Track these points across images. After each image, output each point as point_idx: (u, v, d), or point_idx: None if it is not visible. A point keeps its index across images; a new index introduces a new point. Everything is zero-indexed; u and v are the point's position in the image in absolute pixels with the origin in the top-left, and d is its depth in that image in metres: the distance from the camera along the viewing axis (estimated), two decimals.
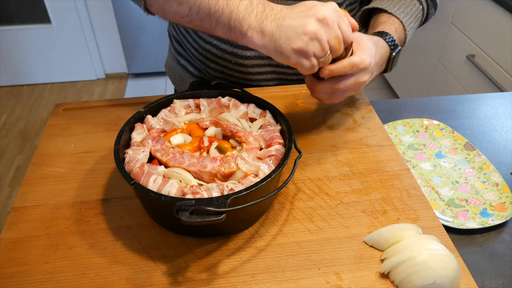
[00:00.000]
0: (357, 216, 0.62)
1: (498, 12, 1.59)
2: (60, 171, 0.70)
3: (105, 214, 0.63)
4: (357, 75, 0.65)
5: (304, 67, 0.58)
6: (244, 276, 0.55)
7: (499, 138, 0.87)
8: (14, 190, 2.11)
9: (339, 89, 0.66)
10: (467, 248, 0.66)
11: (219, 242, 0.59)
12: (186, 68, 0.99)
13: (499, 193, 0.74)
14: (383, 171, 0.70)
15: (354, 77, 0.65)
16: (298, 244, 0.59)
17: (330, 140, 0.76)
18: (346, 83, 0.65)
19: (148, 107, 0.68)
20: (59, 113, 0.83)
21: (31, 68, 2.83)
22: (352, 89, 0.67)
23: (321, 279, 0.54)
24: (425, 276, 0.51)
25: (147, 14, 0.71)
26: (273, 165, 0.59)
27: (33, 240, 0.59)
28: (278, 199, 0.65)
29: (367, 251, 0.58)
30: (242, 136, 0.64)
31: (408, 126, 0.89)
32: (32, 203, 0.65)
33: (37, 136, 2.45)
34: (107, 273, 0.55)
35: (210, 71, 0.93)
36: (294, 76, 0.92)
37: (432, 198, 0.74)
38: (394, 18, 0.78)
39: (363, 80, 0.66)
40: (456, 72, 1.90)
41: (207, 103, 0.71)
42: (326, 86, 0.66)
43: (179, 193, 0.55)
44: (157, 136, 0.64)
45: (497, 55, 1.63)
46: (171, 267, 0.56)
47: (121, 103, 0.85)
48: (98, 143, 0.75)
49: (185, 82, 1.01)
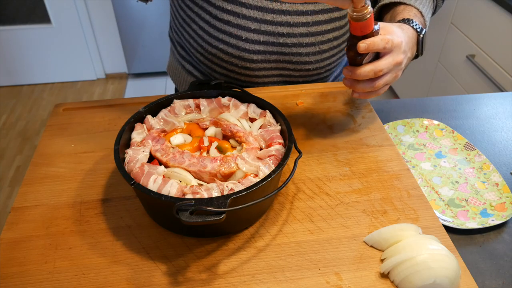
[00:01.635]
0: (357, 216, 0.62)
1: (498, 12, 1.59)
2: (60, 171, 0.70)
3: (105, 214, 0.63)
4: (393, 54, 0.65)
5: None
6: (244, 276, 0.55)
7: (499, 138, 0.87)
8: (14, 190, 2.11)
9: (381, 71, 0.64)
10: (467, 248, 0.66)
11: (219, 242, 0.59)
12: (191, 72, 0.99)
13: (499, 193, 0.74)
14: (383, 171, 0.70)
15: (391, 57, 0.65)
16: (298, 244, 0.59)
17: (330, 140, 0.76)
18: (385, 63, 0.64)
19: (148, 107, 0.68)
20: (59, 113, 0.83)
21: (31, 68, 2.83)
22: (392, 71, 0.67)
23: (321, 279, 0.54)
24: (425, 276, 0.51)
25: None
26: (273, 165, 0.59)
27: (33, 240, 0.59)
28: (278, 199, 0.65)
29: (367, 251, 0.58)
30: (242, 136, 0.64)
31: (408, 126, 0.89)
32: (32, 203, 0.65)
33: (37, 136, 2.45)
34: (107, 273, 0.55)
35: (216, 75, 0.93)
36: (300, 78, 0.92)
37: (432, 198, 0.74)
38: (411, 7, 0.79)
39: (400, 59, 0.66)
40: (456, 72, 1.90)
41: (207, 103, 0.71)
42: (368, 70, 0.64)
43: (179, 193, 0.55)
44: (157, 136, 0.64)
45: (497, 55, 1.63)
46: (171, 267, 0.56)
47: (121, 103, 0.85)
48: (98, 143, 0.75)
49: None
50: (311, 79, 0.93)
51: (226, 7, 0.80)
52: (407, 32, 0.70)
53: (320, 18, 0.81)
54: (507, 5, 1.53)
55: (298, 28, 0.81)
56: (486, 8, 1.65)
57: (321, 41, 0.84)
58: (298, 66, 0.88)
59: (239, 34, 0.82)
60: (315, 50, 0.85)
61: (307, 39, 0.83)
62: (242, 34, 0.82)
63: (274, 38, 0.82)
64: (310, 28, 0.82)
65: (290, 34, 0.82)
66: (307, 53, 0.85)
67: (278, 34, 0.82)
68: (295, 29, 0.81)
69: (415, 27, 0.73)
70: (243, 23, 0.81)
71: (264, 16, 0.80)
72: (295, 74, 0.90)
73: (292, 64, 0.87)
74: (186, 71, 0.99)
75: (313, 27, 0.82)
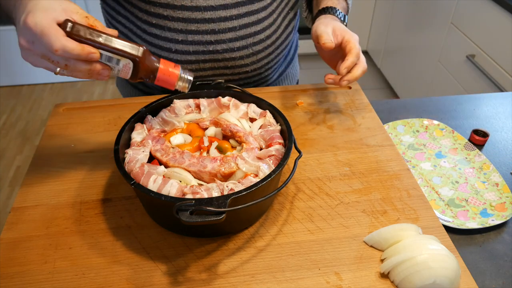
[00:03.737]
0: (357, 216, 0.62)
1: (498, 12, 1.59)
2: (60, 171, 0.70)
3: (105, 214, 0.63)
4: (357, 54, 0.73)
5: None
6: (244, 276, 0.55)
7: (499, 138, 0.87)
8: (14, 190, 2.11)
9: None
10: (467, 248, 0.66)
11: (219, 242, 0.59)
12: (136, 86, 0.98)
13: (499, 193, 0.74)
14: (383, 171, 0.70)
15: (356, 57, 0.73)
16: (298, 244, 0.59)
17: (330, 140, 0.76)
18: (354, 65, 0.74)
19: (148, 107, 0.68)
20: (59, 113, 0.83)
21: (31, 68, 2.81)
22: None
23: (321, 279, 0.54)
24: (425, 276, 0.51)
25: None
26: (273, 165, 0.59)
27: (33, 240, 0.59)
28: (278, 199, 0.65)
29: (367, 251, 0.58)
30: (242, 136, 0.64)
31: (408, 126, 0.89)
32: (32, 203, 0.65)
33: (37, 136, 2.45)
34: (107, 273, 0.55)
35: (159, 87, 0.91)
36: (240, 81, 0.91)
37: (432, 198, 0.74)
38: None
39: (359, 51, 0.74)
40: (456, 72, 1.90)
41: (207, 103, 0.71)
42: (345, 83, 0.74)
43: (179, 193, 0.55)
44: (157, 136, 0.64)
45: (497, 55, 1.63)
46: (171, 267, 0.56)
47: (121, 103, 0.85)
48: (98, 143, 0.75)
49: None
50: (253, 80, 0.92)
51: (151, 21, 0.79)
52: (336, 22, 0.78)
53: (246, 21, 0.80)
54: (507, 5, 1.53)
55: (225, 34, 0.80)
56: (486, 8, 1.65)
57: (253, 43, 0.84)
58: (236, 70, 0.87)
59: (169, 47, 0.81)
60: (248, 53, 0.85)
61: (238, 43, 0.82)
62: (171, 46, 0.81)
63: (203, 47, 0.81)
64: (238, 32, 0.81)
65: (219, 41, 0.81)
66: (241, 56, 0.84)
67: (206, 42, 0.81)
68: (222, 35, 0.81)
69: (339, 16, 0.81)
70: (170, 36, 0.80)
71: (188, 27, 0.79)
72: (235, 78, 0.89)
73: (229, 69, 0.87)
74: (131, 84, 0.99)
75: (241, 31, 0.81)
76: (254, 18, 0.81)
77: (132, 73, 0.57)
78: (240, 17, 0.80)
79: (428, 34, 2.11)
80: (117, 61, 0.56)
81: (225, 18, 0.79)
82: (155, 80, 0.59)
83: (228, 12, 0.78)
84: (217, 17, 0.78)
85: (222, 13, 0.78)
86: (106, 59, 0.55)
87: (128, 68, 0.57)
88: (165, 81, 0.59)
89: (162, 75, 0.59)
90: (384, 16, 2.61)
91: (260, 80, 0.94)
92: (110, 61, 0.56)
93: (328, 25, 0.76)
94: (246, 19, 0.80)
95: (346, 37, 0.74)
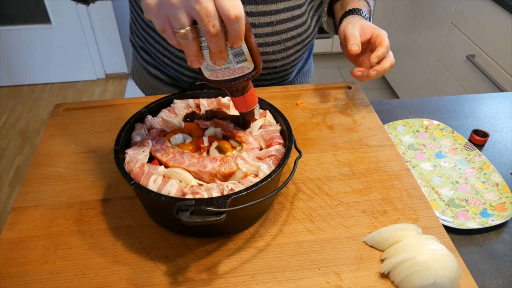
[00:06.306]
0: (357, 216, 0.62)
1: (498, 12, 1.59)
2: (60, 171, 0.70)
3: (105, 214, 0.63)
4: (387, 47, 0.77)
5: None
6: (244, 276, 0.55)
7: (499, 138, 0.87)
8: (14, 190, 2.11)
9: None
10: (467, 248, 0.66)
11: (219, 242, 0.59)
12: (157, 77, 0.98)
13: (499, 193, 0.74)
14: (383, 171, 0.70)
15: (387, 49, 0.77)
16: (298, 244, 0.59)
17: (330, 140, 0.76)
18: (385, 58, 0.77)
19: (148, 107, 0.68)
20: (59, 113, 0.83)
21: (31, 68, 2.83)
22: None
23: (321, 279, 0.54)
24: (425, 276, 0.51)
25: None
26: (273, 165, 0.59)
27: (33, 240, 0.59)
28: (278, 199, 0.65)
29: (367, 251, 0.58)
30: (242, 136, 0.64)
31: (408, 126, 0.89)
32: (32, 203, 0.65)
33: (37, 136, 2.45)
34: (107, 273, 0.55)
35: (185, 78, 0.93)
36: (267, 75, 0.93)
37: (432, 198, 0.74)
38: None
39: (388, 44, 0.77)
40: (456, 72, 1.90)
41: (207, 103, 0.71)
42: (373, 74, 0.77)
43: (179, 193, 0.55)
44: (157, 136, 0.64)
45: (497, 55, 1.63)
46: (171, 267, 0.56)
47: (121, 103, 0.85)
48: (98, 143, 0.75)
49: (157, 91, 1.00)
50: (278, 75, 0.94)
51: None
52: (364, 21, 0.81)
53: (283, 17, 0.83)
54: (507, 5, 1.53)
55: (262, 28, 0.83)
56: (486, 8, 1.65)
57: (286, 39, 0.86)
58: (266, 65, 0.89)
59: None
60: (280, 48, 0.87)
61: (272, 38, 0.84)
62: None
63: None
64: (274, 27, 0.83)
65: (256, 35, 0.83)
66: (273, 51, 0.87)
67: None
68: (260, 29, 0.83)
69: (365, 17, 0.84)
70: None
71: None
72: (263, 72, 0.92)
73: None
74: (152, 75, 0.99)
75: (277, 26, 0.83)
76: (289, 15, 0.84)
77: (237, 77, 0.54)
78: (278, 13, 0.82)
79: (428, 34, 2.11)
80: (243, 59, 0.52)
81: (265, 12, 0.81)
82: (241, 95, 0.58)
83: (268, 7, 0.81)
84: (258, 11, 0.81)
85: (263, 8, 0.81)
86: (236, 50, 0.51)
87: (242, 71, 0.53)
88: (248, 101, 0.60)
89: (250, 95, 0.59)
90: (384, 16, 2.61)
91: (284, 77, 0.97)
92: (237, 56, 0.51)
93: (356, 24, 0.79)
94: (282, 15, 0.83)
95: (375, 32, 0.77)
